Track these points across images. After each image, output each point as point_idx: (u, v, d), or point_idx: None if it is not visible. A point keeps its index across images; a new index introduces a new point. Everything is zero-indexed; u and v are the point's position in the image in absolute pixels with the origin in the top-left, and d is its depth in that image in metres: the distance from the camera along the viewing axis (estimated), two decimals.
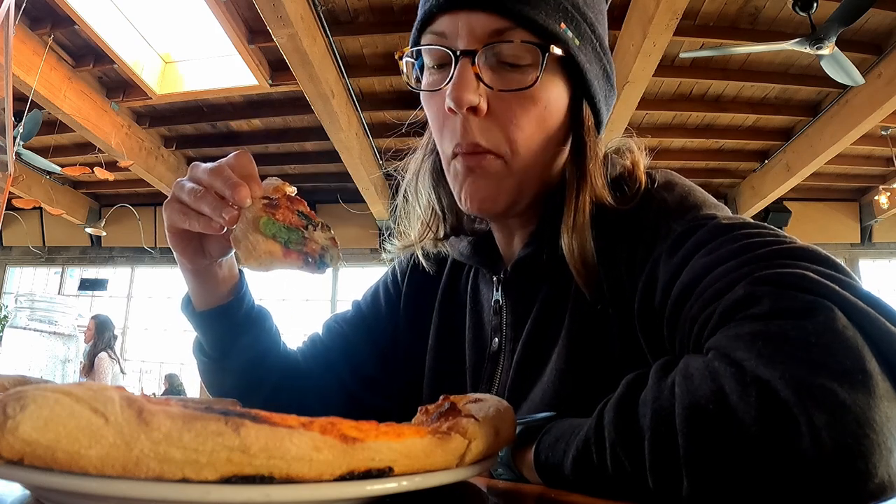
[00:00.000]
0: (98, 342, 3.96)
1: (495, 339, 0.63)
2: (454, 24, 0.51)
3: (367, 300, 0.81)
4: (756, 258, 0.38)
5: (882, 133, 5.22)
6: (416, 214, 0.69)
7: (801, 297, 0.32)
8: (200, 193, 0.50)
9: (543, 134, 0.53)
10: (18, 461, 0.23)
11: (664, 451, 0.32)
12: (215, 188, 0.49)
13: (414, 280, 0.77)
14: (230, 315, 0.64)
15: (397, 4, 3.90)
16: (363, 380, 0.75)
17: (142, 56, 4.42)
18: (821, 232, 6.77)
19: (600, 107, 0.56)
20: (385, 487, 0.29)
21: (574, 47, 0.52)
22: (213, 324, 0.65)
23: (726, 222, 0.45)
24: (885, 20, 3.81)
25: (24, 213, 7.34)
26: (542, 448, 0.43)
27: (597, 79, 0.55)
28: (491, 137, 0.52)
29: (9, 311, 5.92)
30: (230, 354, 0.66)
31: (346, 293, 7.47)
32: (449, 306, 0.72)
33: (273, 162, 6.34)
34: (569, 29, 0.51)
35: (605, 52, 0.56)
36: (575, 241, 0.54)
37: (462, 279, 0.72)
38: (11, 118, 1.01)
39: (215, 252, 0.59)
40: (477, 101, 0.51)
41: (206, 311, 0.64)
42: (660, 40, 3.40)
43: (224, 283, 0.63)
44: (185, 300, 0.66)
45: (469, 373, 0.65)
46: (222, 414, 0.26)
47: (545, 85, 0.51)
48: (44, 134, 4.86)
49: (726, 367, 0.31)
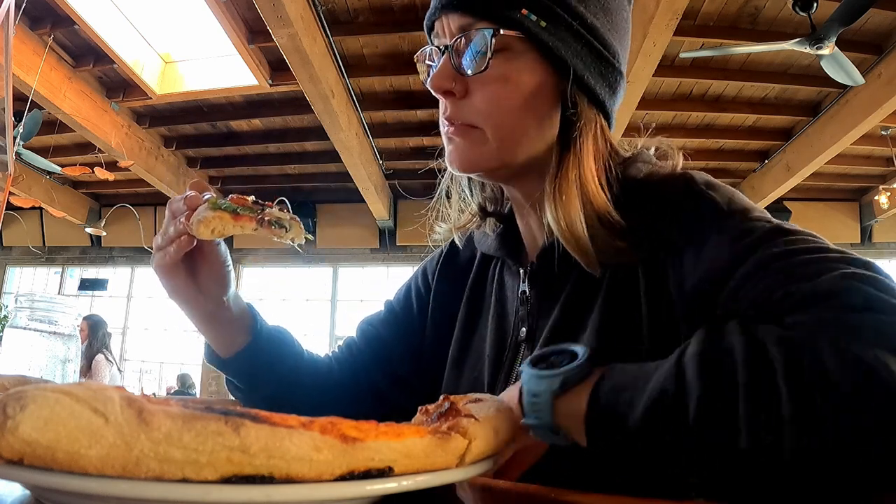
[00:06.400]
0: (93, 342, 3.95)
1: (522, 329, 0.65)
2: (440, 26, 0.61)
3: (400, 299, 0.83)
4: (835, 259, 0.43)
5: (882, 133, 5.22)
6: (455, 200, 0.75)
7: (882, 297, 0.38)
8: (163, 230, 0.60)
9: (518, 107, 0.59)
10: (18, 461, 0.24)
11: (764, 407, 0.34)
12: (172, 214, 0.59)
13: (444, 277, 0.79)
14: (253, 355, 0.69)
15: (397, 4, 3.89)
16: (396, 381, 0.77)
17: (142, 56, 4.42)
18: (821, 232, 6.60)
19: (590, 83, 0.59)
20: (385, 487, 0.29)
21: (539, 29, 0.57)
22: (241, 366, 0.69)
23: (787, 226, 0.50)
24: (885, 20, 3.81)
25: (24, 213, 7.34)
26: (602, 396, 0.41)
27: (577, 57, 0.58)
28: (467, 113, 0.60)
29: (9, 311, 5.92)
30: (261, 388, 0.71)
31: (347, 293, 7.48)
32: (475, 301, 0.75)
33: (273, 162, 6.35)
34: (532, 13, 0.56)
35: (592, 30, 0.59)
36: (560, 211, 0.57)
37: (489, 274, 0.75)
38: (11, 118, 1.01)
39: (210, 285, 0.63)
40: (450, 86, 0.59)
41: (229, 358, 0.68)
42: (660, 40, 3.40)
43: (238, 325, 0.68)
44: (207, 350, 0.71)
45: (489, 362, 0.67)
46: (222, 414, 0.26)
47: (512, 65, 0.58)
48: (44, 134, 4.86)
49: (825, 340, 0.36)
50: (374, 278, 7.41)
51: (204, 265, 0.62)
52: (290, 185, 6.79)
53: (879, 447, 0.33)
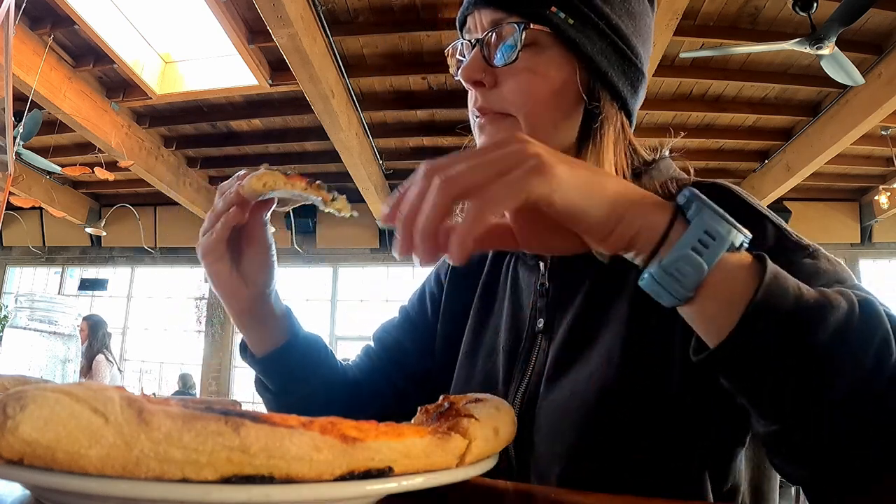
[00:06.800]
0: (93, 342, 3.95)
1: (540, 321, 0.65)
2: (472, 21, 0.64)
3: (414, 304, 0.84)
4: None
5: (882, 133, 5.22)
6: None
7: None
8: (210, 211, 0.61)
9: (546, 98, 0.61)
10: (18, 461, 0.24)
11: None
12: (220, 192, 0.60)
13: (455, 277, 0.80)
14: (289, 356, 0.69)
15: (397, 4, 3.89)
16: (418, 380, 0.78)
17: (142, 56, 4.42)
18: (821, 232, 6.77)
19: (613, 80, 0.62)
20: (385, 487, 0.29)
21: (566, 26, 0.59)
22: (275, 365, 0.70)
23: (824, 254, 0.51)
24: (885, 20, 3.81)
25: (24, 213, 7.35)
26: (779, 281, 0.38)
27: (601, 54, 0.61)
28: (497, 101, 0.62)
29: (9, 311, 5.92)
30: (292, 390, 0.71)
31: (346, 293, 7.47)
32: (488, 295, 0.75)
33: (273, 162, 6.29)
34: (561, 11, 0.59)
35: (617, 30, 0.62)
36: None
37: (502, 269, 0.75)
38: (11, 118, 1.01)
39: (254, 274, 0.65)
40: (480, 77, 0.61)
41: (264, 356, 0.69)
42: (660, 40, 3.41)
43: (276, 324, 0.69)
44: (242, 346, 0.71)
45: (504, 354, 0.67)
46: (222, 414, 0.26)
47: (540, 58, 0.60)
48: (44, 134, 4.86)
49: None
50: (374, 278, 7.41)
51: (249, 250, 0.64)
52: None
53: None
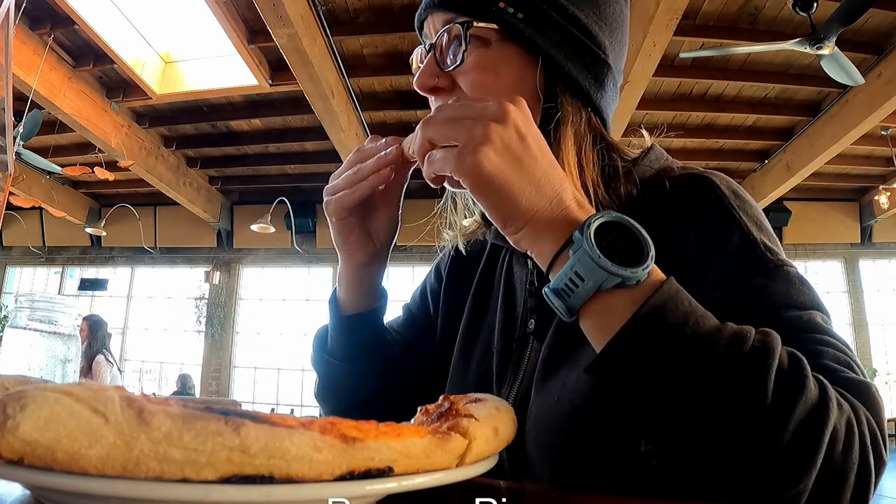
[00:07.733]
0: (93, 342, 3.95)
1: (531, 321, 0.65)
2: (428, 26, 0.63)
3: (416, 301, 0.84)
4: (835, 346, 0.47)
5: (882, 133, 5.22)
6: (460, 207, 0.75)
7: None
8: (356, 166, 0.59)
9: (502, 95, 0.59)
10: (18, 461, 0.23)
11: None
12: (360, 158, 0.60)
13: (453, 271, 0.80)
14: (374, 320, 0.70)
15: (397, 4, 3.90)
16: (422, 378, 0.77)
17: (142, 56, 4.42)
18: (821, 232, 6.78)
19: (573, 74, 0.59)
20: (385, 487, 0.29)
21: (516, 21, 0.57)
22: (360, 326, 0.69)
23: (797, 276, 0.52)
24: (885, 20, 3.81)
25: (24, 213, 7.35)
26: (680, 302, 0.42)
27: (556, 48, 0.58)
28: None
29: (9, 311, 5.92)
30: (363, 358, 0.70)
31: None
32: (483, 292, 0.75)
33: (273, 162, 6.34)
34: (510, 6, 0.57)
35: (575, 21, 0.59)
36: None
37: (498, 264, 0.75)
38: (11, 118, 1.01)
39: (380, 231, 0.65)
40: (434, 83, 0.60)
41: (353, 315, 0.69)
42: (660, 40, 3.40)
43: (376, 288, 0.69)
44: (332, 298, 0.71)
45: (497, 354, 0.66)
46: (222, 414, 0.26)
47: (489, 57, 0.59)
48: (44, 134, 4.86)
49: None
50: None
51: (383, 208, 0.64)
52: (290, 185, 6.79)
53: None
